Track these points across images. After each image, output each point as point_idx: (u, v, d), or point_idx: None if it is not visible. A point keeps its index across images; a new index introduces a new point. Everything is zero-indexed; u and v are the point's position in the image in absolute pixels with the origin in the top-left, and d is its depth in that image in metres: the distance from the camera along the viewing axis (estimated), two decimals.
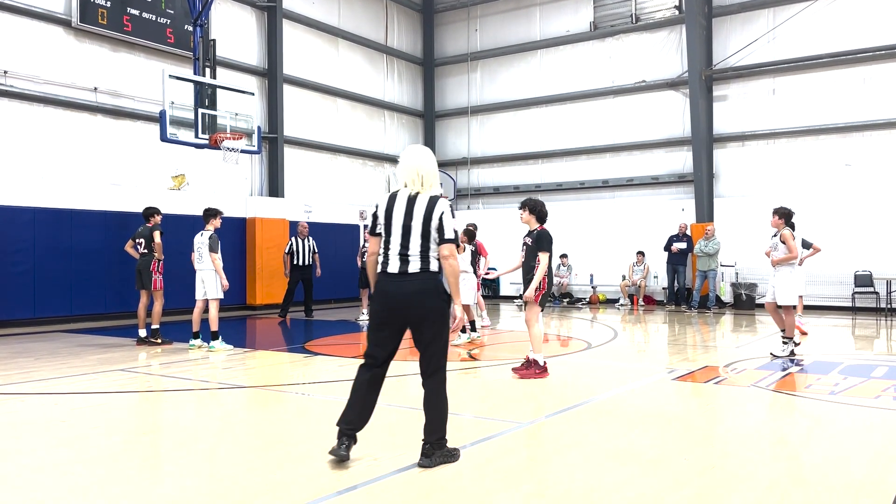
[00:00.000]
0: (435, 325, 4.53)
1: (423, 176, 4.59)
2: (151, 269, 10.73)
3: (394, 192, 4.64)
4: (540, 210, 7.98)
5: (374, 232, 4.66)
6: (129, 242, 10.97)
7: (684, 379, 7.79)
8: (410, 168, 4.61)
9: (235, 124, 12.85)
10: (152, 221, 10.84)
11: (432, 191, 4.61)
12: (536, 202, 8.04)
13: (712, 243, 16.12)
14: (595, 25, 19.82)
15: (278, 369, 8.84)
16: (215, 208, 10.58)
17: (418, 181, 4.58)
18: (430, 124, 22.76)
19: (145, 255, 10.75)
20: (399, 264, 4.50)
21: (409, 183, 4.60)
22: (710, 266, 16.18)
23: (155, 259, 10.73)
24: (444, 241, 4.51)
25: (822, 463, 4.69)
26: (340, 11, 19.90)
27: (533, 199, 8.07)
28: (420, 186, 4.58)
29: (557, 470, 4.52)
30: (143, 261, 10.77)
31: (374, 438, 4.90)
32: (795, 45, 16.97)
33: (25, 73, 13.10)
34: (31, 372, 8.33)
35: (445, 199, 4.68)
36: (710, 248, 16.08)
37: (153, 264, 10.73)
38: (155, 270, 10.74)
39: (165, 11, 15.09)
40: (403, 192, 4.60)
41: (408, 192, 4.58)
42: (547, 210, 8.10)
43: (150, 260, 10.73)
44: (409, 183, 4.60)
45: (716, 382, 7.62)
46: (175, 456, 5.03)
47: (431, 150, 4.85)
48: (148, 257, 10.74)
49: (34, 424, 5.79)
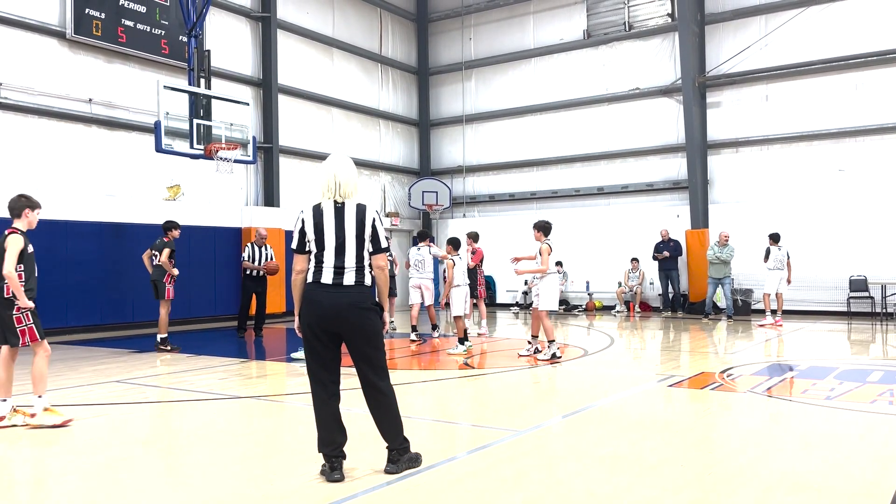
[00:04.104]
0: (371, 338, 4.50)
1: (342, 184, 4.52)
2: (165, 281, 11.07)
3: (317, 205, 4.53)
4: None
5: (302, 249, 4.51)
6: (147, 252, 11.30)
7: (681, 385, 7.80)
8: (329, 177, 4.53)
9: (230, 134, 12.86)
10: (169, 236, 11.17)
11: (356, 198, 4.57)
12: None
13: (727, 250, 15.79)
14: (588, 33, 19.90)
15: (276, 379, 8.83)
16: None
17: (336, 189, 4.51)
18: (424, 133, 22.81)
19: (159, 266, 10.99)
20: (333, 276, 4.43)
21: (328, 192, 4.52)
22: (724, 273, 15.84)
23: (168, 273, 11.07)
24: (380, 250, 4.52)
25: (818, 468, 4.70)
26: (335, 21, 19.96)
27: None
28: (340, 195, 4.52)
29: (555, 477, 4.52)
30: (156, 272, 11.10)
31: (366, 446, 4.89)
32: (788, 51, 17.06)
33: (20, 85, 13.10)
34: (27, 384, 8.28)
35: (373, 206, 4.65)
36: (726, 254, 15.76)
37: (167, 276, 11.06)
38: (168, 281, 11.09)
39: (160, 23, 15.10)
40: (327, 203, 4.51)
41: (331, 203, 4.51)
42: None
43: (164, 271, 11.04)
44: (327, 192, 4.52)
45: (712, 388, 7.63)
46: (173, 466, 5.01)
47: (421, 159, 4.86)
48: (162, 269, 11.04)
49: (29, 437, 5.76)
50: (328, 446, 4.46)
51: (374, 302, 4.52)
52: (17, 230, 6.17)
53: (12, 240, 6.07)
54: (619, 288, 18.41)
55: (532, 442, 5.47)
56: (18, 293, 6.03)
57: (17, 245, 6.04)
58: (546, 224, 10.12)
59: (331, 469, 4.43)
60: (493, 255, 18.08)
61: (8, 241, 6.07)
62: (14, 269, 5.99)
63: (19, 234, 6.15)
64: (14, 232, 6.14)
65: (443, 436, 5.69)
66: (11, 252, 6.00)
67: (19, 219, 6.22)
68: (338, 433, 4.49)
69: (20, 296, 6.04)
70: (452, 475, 4.54)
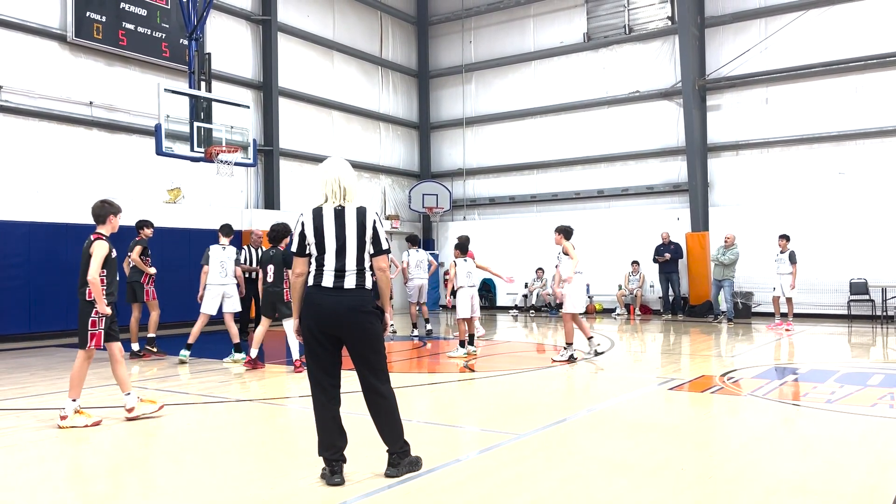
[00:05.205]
0: (372, 341, 4.49)
1: (346, 188, 4.52)
2: (142, 282, 10.67)
3: (317, 208, 4.52)
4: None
5: (302, 253, 4.50)
6: (126, 260, 10.60)
7: (681, 388, 7.80)
8: (331, 180, 4.52)
9: (231, 137, 12.86)
10: (141, 235, 10.73)
11: (356, 202, 4.56)
12: None
13: (730, 252, 15.77)
14: (589, 36, 19.92)
15: (276, 382, 8.82)
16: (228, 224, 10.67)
17: (340, 193, 4.51)
18: (425, 135, 22.83)
19: (134, 267, 10.65)
20: (334, 279, 4.42)
21: (332, 196, 4.51)
22: (725, 275, 15.84)
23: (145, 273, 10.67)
24: (381, 252, 4.50)
25: (819, 471, 4.70)
26: (335, 24, 19.98)
27: None
28: (343, 199, 4.51)
29: (556, 480, 4.52)
30: (132, 273, 10.70)
31: (367, 450, 4.89)
32: (788, 54, 17.08)
33: (21, 88, 13.12)
34: (27, 387, 8.30)
35: (373, 208, 4.66)
36: (728, 257, 15.73)
37: (143, 276, 10.66)
38: (146, 282, 10.69)
39: (161, 26, 15.13)
40: (327, 207, 4.50)
41: (331, 206, 4.50)
42: None
43: (140, 272, 10.64)
44: (330, 196, 4.52)
45: (712, 391, 7.63)
46: (173, 469, 5.01)
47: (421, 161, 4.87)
48: (138, 269, 10.63)
49: (29, 440, 5.76)
50: (328, 450, 4.46)
51: (374, 305, 4.51)
52: (102, 236, 6.33)
53: (98, 245, 6.22)
54: (619, 291, 18.40)
55: (533, 445, 5.46)
56: (99, 299, 6.18)
57: (103, 251, 6.21)
58: (567, 228, 10.30)
59: (331, 472, 4.43)
60: (493, 256, 18.10)
61: (94, 246, 6.22)
62: (98, 274, 6.13)
63: (104, 240, 6.30)
64: (100, 237, 6.30)
65: (443, 439, 5.69)
66: (97, 258, 6.15)
67: (104, 224, 6.41)
68: (338, 437, 4.49)
69: (100, 301, 6.19)
70: (453, 478, 4.54)
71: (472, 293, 10.84)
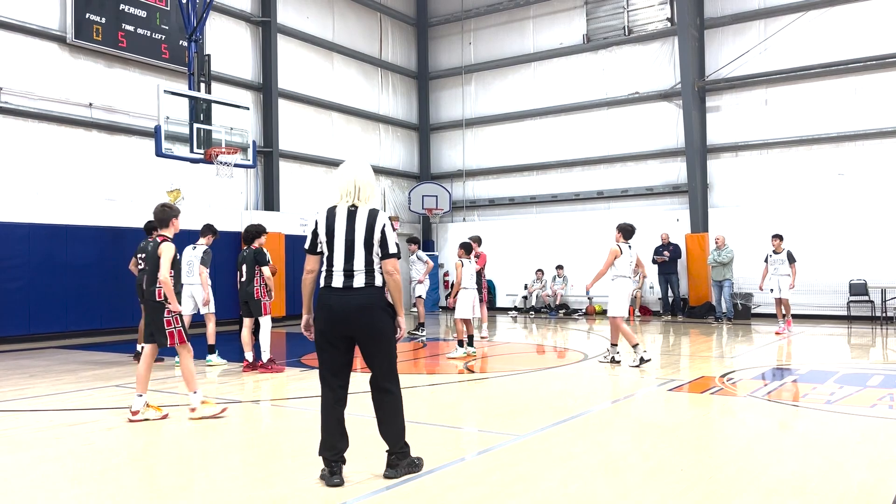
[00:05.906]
0: (382, 340, 4.49)
1: (361, 188, 4.53)
2: None
3: (332, 207, 4.54)
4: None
5: (314, 250, 4.54)
6: (133, 261, 10.53)
7: (681, 389, 7.80)
8: (348, 181, 4.54)
9: (230, 139, 12.87)
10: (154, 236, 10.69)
11: (371, 204, 4.56)
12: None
13: (725, 252, 15.84)
14: (588, 38, 19.93)
15: (275, 384, 8.82)
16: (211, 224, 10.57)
17: (355, 193, 4.52)
18: (424, 137, 22.83)
19: (145, 270, 10.57)
20: (343, 279, 4.43)
21: (346, 196, 4.53)
22: (724, 276, 15.89)
23: None
24: (388, 255, 4.49)
25: (819, 472, 4.69)
26: (335, 26, 19.99)
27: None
28: (357, 199, 4.52)
29: (556, 481, 4.51)
30: (142, 275, 10.64)
31: (367, 451, 4.88)
32: (787, 55, 17.09)
33: (20, 90, 13.12)
34: (26, 388, 8.30)
35: (385, 213, 4.67)
36: (724, 257, 15.80)
37: None
38: None
39: (160, 27, 15.13)
40: (342, 206, 4.52)
41: (346, 205, 4.52)
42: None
43: None
44: (345, 196, 4.53)
45: (712, 392, 7.62)
46: (173, 469, 5.01)
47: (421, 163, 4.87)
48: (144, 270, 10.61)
49: (28, 441, 5.76)
50: (329, 451, 4.46)
51: (386, 303, 4.51)
52: (166, 238, 6.57)
53: (166, 247, 6.47)
54: None
55: (532, 446, 5.46)
56: (171, 297, 6.43)
57: (170, 252, 6.46)
58: (627, 226, 9.82)
59: (330, 473, 4.43)
60: (493, 257, 18.08)
61: (162, 248, 6.47)
62: (168, 275, 6.35)
63: (170, 242, 6.54)
64: (166, 240, 6.54)
65: (442, 440, 5.68)
66: (166, 259, 6.40)
67: (167, 227, 6.65)
68: (339, 438, 4.50)
69: (172, 300, 6.44)
70: (451, 480, 4.54)
71: (473, 294, 10.89)
